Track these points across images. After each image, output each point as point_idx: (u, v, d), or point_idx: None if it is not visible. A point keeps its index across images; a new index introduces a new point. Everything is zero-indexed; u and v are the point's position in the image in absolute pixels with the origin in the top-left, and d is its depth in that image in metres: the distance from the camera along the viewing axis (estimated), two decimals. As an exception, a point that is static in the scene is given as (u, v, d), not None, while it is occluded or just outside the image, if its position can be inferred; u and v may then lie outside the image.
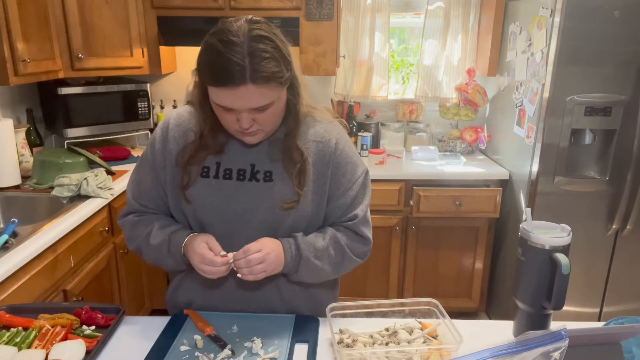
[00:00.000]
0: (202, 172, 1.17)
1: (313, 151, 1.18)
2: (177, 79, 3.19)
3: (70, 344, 1.04)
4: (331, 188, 1.20)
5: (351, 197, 1.21)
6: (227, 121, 1.09)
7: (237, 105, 1.03)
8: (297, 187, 1.15)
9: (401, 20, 3.21)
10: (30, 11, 2.14)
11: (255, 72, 0.99)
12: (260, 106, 1.03)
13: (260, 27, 1.03)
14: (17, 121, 2.53)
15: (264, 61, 0.99)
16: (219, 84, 1.00)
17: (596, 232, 2.40)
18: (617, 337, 0.86)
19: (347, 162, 1.21)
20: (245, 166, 1.17)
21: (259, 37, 1.01)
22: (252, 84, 0.99)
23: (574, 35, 2.16)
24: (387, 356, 1.03)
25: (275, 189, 1.15)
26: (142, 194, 1.24)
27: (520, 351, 0.73)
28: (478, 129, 3.03)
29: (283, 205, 1.14)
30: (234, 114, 1.05)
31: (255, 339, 1.10)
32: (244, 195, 1.16)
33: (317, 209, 1.20)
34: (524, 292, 1.10)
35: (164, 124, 1.23)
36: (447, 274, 2.85)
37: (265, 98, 1.03)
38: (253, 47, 0.99)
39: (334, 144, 1.19)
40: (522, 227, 1.09)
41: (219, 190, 1.16)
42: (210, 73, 1.01)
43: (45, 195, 2.15)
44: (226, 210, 1.16)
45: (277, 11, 2.72)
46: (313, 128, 1.20)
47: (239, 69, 0.98)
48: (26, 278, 1.59)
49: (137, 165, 1.27)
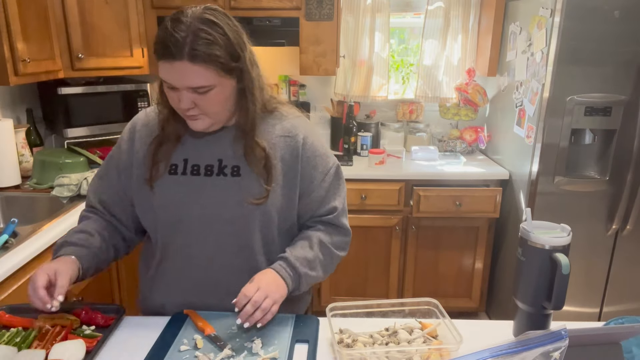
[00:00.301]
0: (170, 169, 1.19)
1: (281, 146, 1.20)
2: (177, 79, 3.18)
3: (70, 344, 1.04)
4: (304, 182, 1.21)
5: (325, 189, 1.23)
6: (172, 101, 1.11)
7: (174, 81, 1.05)
8: (265, 183, 1.16)
9: (401, 20, 3.21)
10: (30, 11, 2.14)
11: (193, 50, 1.01)
12: (196, 86, 1.05)
13: (214, 15, 1.06)
14: (17, 121, 2.52)
15: (204, 41, 1.02)
16: (160, 57, 1.04)
17: (596, 232, 2.40)
18: (617, 337, 0.86)
19: (317, 155, 1.23)
20: (212, 162, 1.19)
21: (208, 21, 1.04)
22: (189, 61, 1.02)
23: (574, 35, 2.16)
24: (387, 356, 1.03)
25: (242, 183, 1.17)
26: (103, 189, 1.26)
27: (520, 351, 0.73)
28: (478, 129, 3.03)
29: (251, 200, 1.15)
30: (177, 94, 1.07)
31: (255, 339, 1.10)
32: (211, 190, 1.17)
33: (288, 202, 1.21)
34: (524, 292, 1.10)
35: (131, 125, 1.26)
36: (447, 274, 2.85)
37: (202, 79, 1.05)
38: (197, 27, 1.02)
39: (302, 138, 1.21)
40: (522, 227, 1.09)
41: (187, 186, 1.18)
42: (156, 47, 1.05)
43: (45, 195, 2.15)
44: (195, 206, 1.17)
45: (277, 11, 2.72)
46: (280, 124, 1.22)
47: (178, 43, 1.01)
48: (26, 278, 1.59)
49: (103, 163, 1.29)
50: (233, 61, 1.07)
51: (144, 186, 1.19)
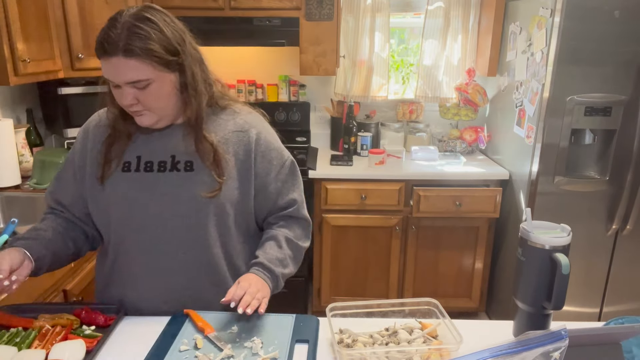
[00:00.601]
0: (123, 167, 1.20)
1: (234, 141, 1.22)
2: (177, 79, 3.18)
3: (70, 344, 1.04)
4: (259, 175, 1.24)
5: (282, 181, 1.27)
6: (117, 98, 1.13)
7: (113, 77, 1.08)
8: (217, 176, 1.18)
9: (401, 20, 3.21)
10: (30, 11, 2.14)
11: (127, 45, 1.04)
12: (133, 80, 1.07)
13: (149, 12, 1.09)
14: (17, 121, 2.52)
15: (137, 37, 1.05)
16: (99, 55, 1.07)
17: (596, 232, 2.40)
18: (617, 337, 0.86)
19: (271, 149, 1.26)
20: (165, 158, 1.20)
21: (143, 18, 1.07)
22: (123, 56, 1.04)
23: (574, 35, 2.16)
24: (387, 356, 1.03)
25: (196, 177, 1.18)
26: (57, 189, 1.29)
27: (520, 351, 0.73)
28: (478, 129, 3.03)
29: (204, 194, 1.17)
30: (120, 90, 1.10)
31: (255, 339, 1.10)
32: (164, 185, 1.18)
33: (243, 196, 1.23)
34: (524, 292, 1.10)
35: (85, 126, 1.29)
36: (447, 274, 2.85)
37: (137, 72, 1.07)
38: (132, 24, 1.05)
39: (255, 134, 1.24)
40: (522, 227, 1.09)
41: (140, 183, 1.19)
42: (96, 45, 1.08)
43: (45, 195, 2.15)
44: (148, 203, 1.18)
45: (277, 11, 2.72)
46: (233, 120, 1.25)
47: (112, 40, 1.04)
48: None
49: (61, 166, 1.32)
50: (170, 55, 1.09)
51: (96, 184, 1.21)
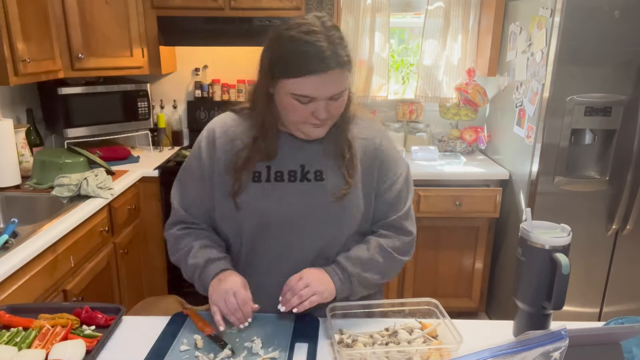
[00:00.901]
0: (253, 177, 1.18)
1: (360, 148, 1.20)
2: (177, 79, 3.18)
3: (70, 344, 1.04)
4: (378, 184, 1.22)
5: (397, 191, 1.24)
6: (300, 115, 1.09)
7: (321, 93, 1.05)
8: (347, 176, 1.17)
9: (401, 20, 3.21)
10: (30, 11, 2.14)
11: (338, 57, 1.04)
12: (338, 92, 1.07)
13: (328, 19, 1.09)
14: (17, 121, 2.53)
15: (340, 46, 1.05)
16: (305, 72, 1.03)
17: (596, 232, 2.40)
18: (617, 337, 0.86)
19: (390, 159, 1.24)
20: (295, 167, 1.18)
21: (332, 27, 1.07)
22: (338, 68, 1.04)
23: (574, 35, 2.16)
24: (387, 356, 1.03)
25: (327, 186, 1.17)
26: (188, 202, 1.25)
27: (520, 351, 0.73)
28: (478, 129, 3.03)
29: (336, 195, 1.16)
30: (311, 106, 1.07)
31: (255, 339, 1.10)
32: (296, 196, 1.17)
33: (367, 204, 1.22)
34: (524, 292, 1.10)
35: (209, 133, 1.23)
36: (447, 274, 2.85)
37: (344, 84, 1.08)
38: (332, 34, 1.05)
39: (379, 142, 1.23)
40: (522, 227, 1.09)
41: (271, 193, 1.17)
42: (295, 63, 1.04)
43: (45, 195, 2.15)
44: (280, 212, 1.17)
45: (277, 11, 2.72)
46: (357, 126, 1.23)
47: (326, 53, 1.02)
48: (26, 278, 1.59)
49: (180, 174, 1.27)
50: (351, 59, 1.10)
51: (227, 196, 1.18)
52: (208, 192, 1.22)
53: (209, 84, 3.14)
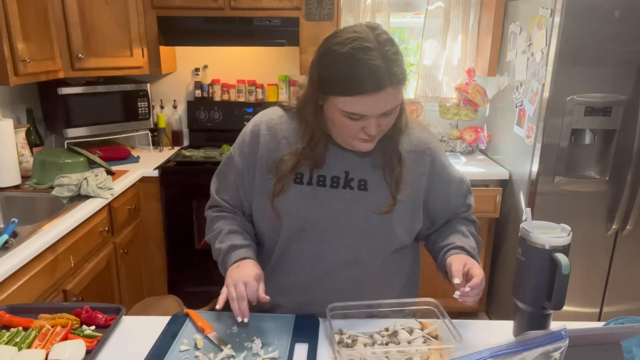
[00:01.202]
0: (295, 178, 1.16)
1: (409, 161, 1.18)
2: (177, 79, 3.18)
3: (70, 344, 1.04)
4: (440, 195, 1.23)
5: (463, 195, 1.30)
6: (349, 130, 1.07)
7: (374, 111, 1.02)
8: (394, 191, 1.15)
9: (401, 20, 3.21)
10: (30, 11, 2.14)
11: (393, 76, 0.99)
12: (391, 109, 1.04)
13: (383, 31, 1.04)
14: (17, 121, 2.53)
15: (396, 63, 1.00)
16: (359, 92, 0.99)
17: (596, 232, 2.40)
18: (617, 337, 0.86)
19: (445, 168, 1.24)
20: (339, 173, 1.16)
21: (387, 41, 1.02)
22: (391, 86, 1.00)
23: (574, 35, 2.16)
24: (387, 356, 1.03)
25: (370, 197, 1.15)
26: (223, 189, 1.26)
27: (520, 351, 0.73)
28: (478, 129, 3.03)
29: (380, 210, 1.14)
30: (361, 122, 1.04)
31: (255, 339, 1.10)
32: (337, 203, 1.15)
33: (411, 218, 1.21)
34: (524, 292, 1.10)
35: (255, 127, 1.21)
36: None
37: (397, 100, 1.04)
38: (387, 50, 1.00)
39: (430, 154, 1.20)
40: (522, 227, 1.09)
41: (312, 197, 1.15)
42: (349, 81, 1.00)
43: (45, 195, 2.15)
44: (319, 217, 1.15)
45: (277, 11, 2.72)
46: (407, 136, 1.19)
47: (381, 73, 0.98)
48: (26, 278, 1.59)
49: (223, 162, 1.27)
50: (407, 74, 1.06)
51: (266, 194, 1.17)
52: (245, 186, 1.22)
53: (209, 84, 3.14)
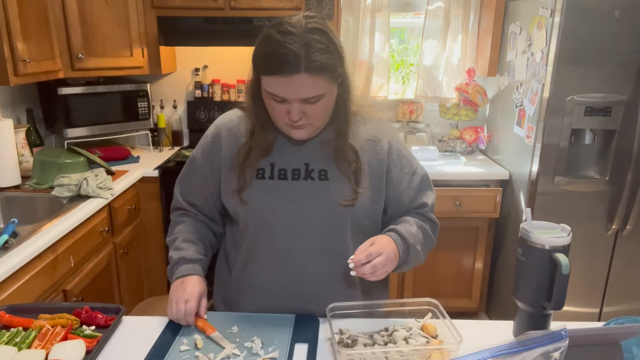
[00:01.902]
0: (257, 174, 1.18)
1: (367, 150, 1.20)
2: (177, 79, 3.18)
3: (70, 344, 1.04)
4: (394, 184, 1.22)
5: (415, 189, 1.24)
6: (277, 113, 1.10)
7: (290, 95, 1.04)
8: (355, 185, 1.16)
9: (401, 20, 3.21)
10: (30, 11, 2.14)
11: (310, 62, 1.01)
12: (311, 97, 1.05)
13: (315, 21, 1.06)
14: (17, 121, 2.53)
15: (318, 52, 1.02)
16: (274, 72, 1.03)
17: (596, 232, 2.40)
18: (617, 337, 0.86)
19: (402, 157, 1.24)
20: (299, 165, 1.18)
21: (315, 29, 1.04)
22: (306, 73, 1.01)
23: (574, 35, 2.16)
24: (386, 356, 1.03)
25: (331, 187, 1.16)
26: (187, 192, 1.29)
27: (520, 351, 0.73)
28: (478, 129, 3.03)
29: (342, 202, 1.15)
30: (285, 106, 1.07)
31: (255, 339, 1.10)
32: (300, 195, 1.17)
33: (374, 207, 1.22)
34: (524, 292, 1.10)
35: (215, 129, 1.25)
36: (447, 274, 2.85)
37: (317, 89, 1.05)
38: (309, 37, 1.02)
39: (387, 143, 1.22)
40: (522, 227, 1.09)
41: (275, 191, 1.17)
42: (267, 61, 1.04)
43: (45, 195, 2.15)
44: (283, 210, 1.17)
45: (277, 11, 2.72)
46: (364, 127, 1.22)
47: (294, 57, 1.00)
48: (26, 278, 1.60)
49: (186, 166, 1.30)
50: (339, 66, 1.08)
51: (231, 192, 1.20)
52: (210, 188, 1.24)
53: (209, 84, 3.14)
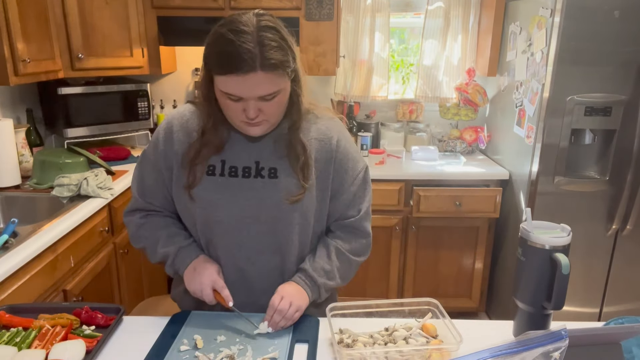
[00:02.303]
0: (207, 170, 1.19)
1: (315, 148, 1.20)
2: (177, 79, 3.19)
3: (70, 344, 1.04)
4: (334, 184, 1.22)
5: (353, 193, 1.24)
6: (233, 111, 1.10)
7: (246, 93, 1.04)
8: (302, 180, 1.17)
9: (401, 20, 3.21)
10: (30, 11, 2.14)
11: (265, 60, 1.01)
12: (267, 94, 1.05)
13: (267, 19, 1.06)
14: (17, 121, 2.52)
15: (272, 49, 1.02)
16: (229, 72, 1.02)
17: (596, 232, 2.40)
18: (617, 337, 0.86)
19: (349, 159, 1.23)
20: (250, 163, 1.19)
21: (267, 27, 1.04)
22: (262, 71, 1.01)
23: (574, 35, 2.16)
24: (386, 356, 1.03)
25: (280, 185, 1.17)
26: (146, 191, 1.27)
27: (520, 351, 0.73)
28: (478, 129, 3.03)
29: (289, 198, 1.16)
30: (241, 104, 1.07)
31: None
32: (249, 192, 1.17)
33: (321, 205, 1.23)
34: (524, 292, 1.10)
35: (167, 125, 1.23)
36: (447, 274, 2.85)
37: (273, 86, 1.05)
38: (262, 35, 1.02)
39: (336, 142, 1.22)
40: (522, 227, 1.09)
41: (225, 187, 1.18)
42: (220, 61, 1.03)
43: (45, 195, 2.15)
44: (233, 207, 1.18)
45: (277, 11, 2.72)
46: (315, 125, 1.22)
47: (249, 55, 1.00)
48: (26, 278, 1.59)
49: (138, 163, 1.28)
50: (292, 62, 1.08)
51: (182, 188, 1.20)
52: (166, 182, 1.24)
53: (209, 84, 3.14)
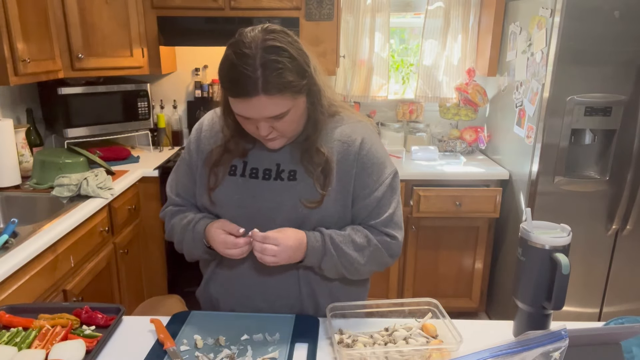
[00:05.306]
0: (230, 170, 1.21)
1: (337, 150, 1.18)
2: (177, 79, 3.18)
3: (70, 344, 1.04)
4: (356, 188, 1.19)
5: (377, 199, 1.19)
6: (248, 128, 1.12)
7: (252, 115, 1.05)
8: (321, 188, 1.16)
9: (401, 20, 3.21)
10: (30, 11, 2.14)
11: (267, 84, 1.00)
12: (274, 115, 1.05)
13: (274, 37, 1.03)
14: (17, 121, 2.53)
15: (276, 72, 1.00)
16: (234, 95, 1.04)
17: (596, 232, 2.40)
18: (617, 337, 0.86)
19: (374, 163, 1.19)
20: (271, 166, 1.20)
21: (273, 48, 1.01)
22: (264, 95, 1.01)
23: (574, 35, 2.16)
24: (386, 356, 1.03)
25: (298, 187, 1.17)
26: (180, 188, 1.31)
27: (520, 351, 0.73)
28: (478, 129, 3.03)
29: (306, 204, 1.16)
30: (253, 122, 1.08)
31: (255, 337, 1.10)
32: (268, 194, 1.18)
33: (343, 208, 1.19)
34: (524, 292, 1.10)
35: (198, 125, 1.29)
36: (447, 274, 2.85)
37: (279, 107, 1.04)
38: (265, 58, 1.00)
39: (359, 144, 1.18)
40: (522, 227, 1.09)
41: (245, 188, 1.19)
42: (226, 84, 1.05)
43: (45, 195, 2.15)
44: (251, 209, 1.18)
45: (277, 11, 2.72)
46: (340, 127, 1.21)
47: (250, 81, 1.00)
48: (26, 278, 1.59)
49: (176, 164, 1.34)
50: (302, 80, 1.06)
51: (203, 187, 1.23)
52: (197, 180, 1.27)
53: (209, 84, 3.14)
